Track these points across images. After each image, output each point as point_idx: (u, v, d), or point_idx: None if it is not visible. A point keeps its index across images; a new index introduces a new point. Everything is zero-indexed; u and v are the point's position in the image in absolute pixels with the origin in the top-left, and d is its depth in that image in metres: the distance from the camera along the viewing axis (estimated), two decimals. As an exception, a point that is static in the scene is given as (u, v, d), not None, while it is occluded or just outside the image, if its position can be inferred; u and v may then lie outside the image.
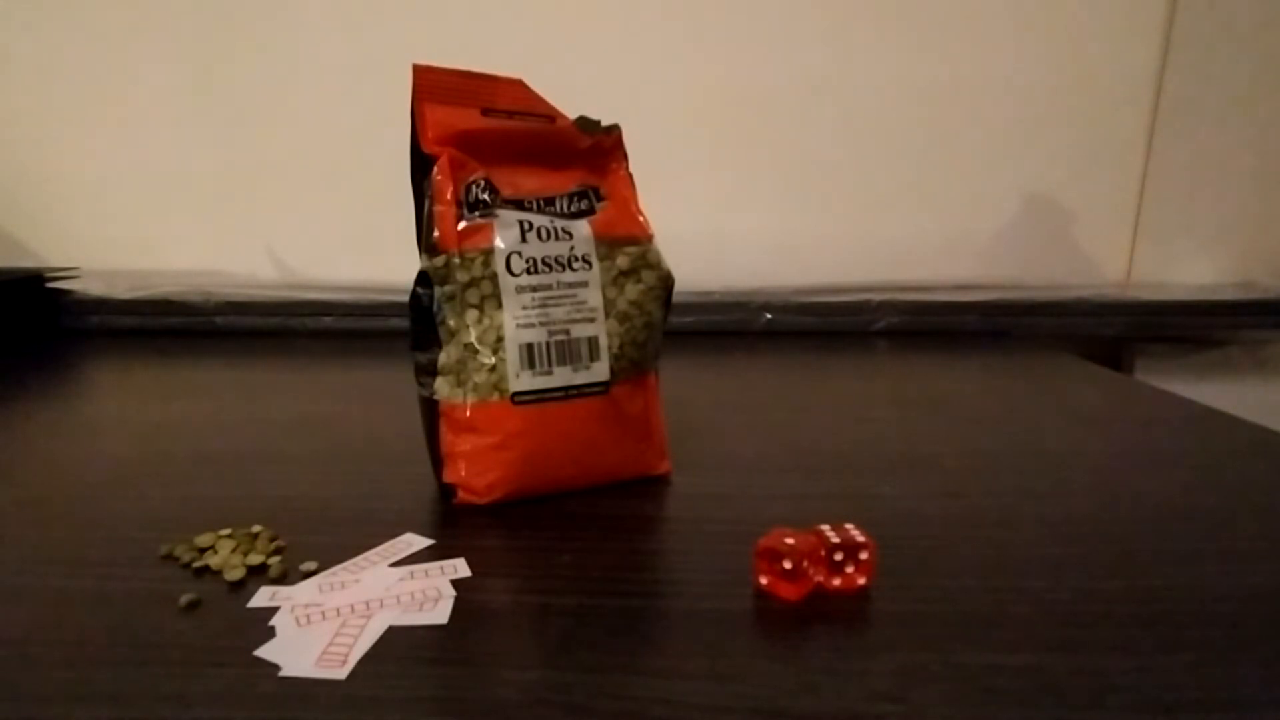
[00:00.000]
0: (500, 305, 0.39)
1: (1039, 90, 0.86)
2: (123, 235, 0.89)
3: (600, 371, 0.40)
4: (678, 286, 0.87)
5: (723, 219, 0.90)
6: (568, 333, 0.39)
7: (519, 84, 0.41)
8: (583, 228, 0.41)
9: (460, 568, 0.33)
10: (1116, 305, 0.86)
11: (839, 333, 0.87)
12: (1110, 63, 0.86)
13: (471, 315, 0.39)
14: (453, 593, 0.31)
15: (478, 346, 0.39)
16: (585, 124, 0.42)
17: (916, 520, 0.38)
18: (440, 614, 0.30)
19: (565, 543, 0.36)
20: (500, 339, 0.39)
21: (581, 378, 0.40)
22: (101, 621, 0.29)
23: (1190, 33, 0.84)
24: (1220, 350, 0.92)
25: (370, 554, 0.34)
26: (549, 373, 0.39)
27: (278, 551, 0.34)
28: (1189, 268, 0.90)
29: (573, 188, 0.42)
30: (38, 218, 0.89)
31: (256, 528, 0.36)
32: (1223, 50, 0.85)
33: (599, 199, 0.42)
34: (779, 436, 0.52)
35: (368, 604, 0.30)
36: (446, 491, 0.40)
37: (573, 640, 0.28)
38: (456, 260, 0.38)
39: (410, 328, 0.40)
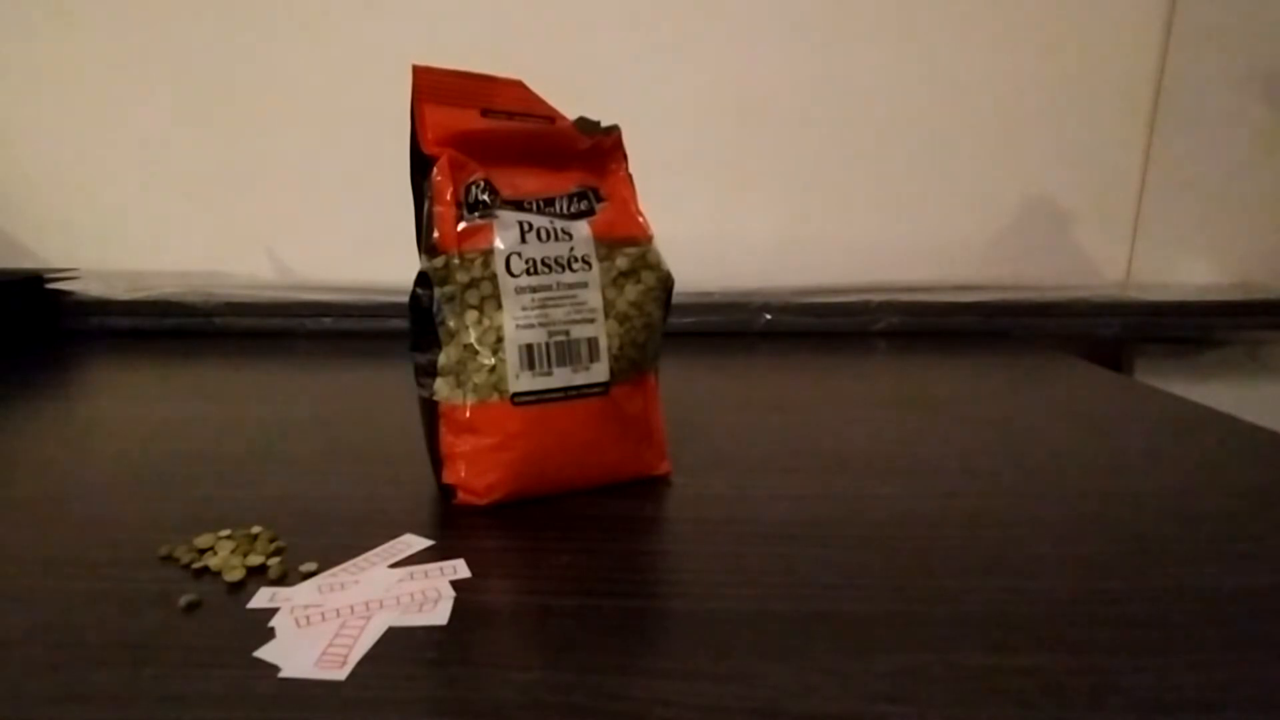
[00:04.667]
0: (500, 306, 0.39)
1: (1038, 90, 0.86)
2: (123, 235, 0.89)
3: (600, 372, 0.40)
4: (678, 287, 0.86)
5: (723, 219, 0.90)
6: (567, 333, 0.39)
7: (518, 85, 0.40)
8: (582, 228, 0.41)
9: (460, 568, 0.33)
10: (1116, 306, 0.86)
11: (838, 333, 0.87)
12: (1110, 63, 0.86)
13: (471, 316, 0.39)
14: (452, 593, 0.31)
15: (477, 347, 0.39)
16: (585, 125, 0.42)
17: (916, 520, 0.38)
18: (440, 615, 0.30)
19: (565, 543, 0.36)
20: (500, 340, 0.39)
21: (581, 378, 0.40)
22: (101, 622, 0.29)
23: (1190, 32, 0.84)
24: (1220, 350, 0.92)
25: (370, 555, 0.34)
26: (549, 373, 0.39)
27: (277, 552, 0.34)
28: (1188, 268, 0.90)
29: (572, 188, 0.41)
30: (38, 218, 0.89)
31: (256, 528, 0.36)
32: (1222, 50, 0.85)
33: (599, 200, 0.42)
34: (779, 436, 0.52)
35: (367, 605, 0.30)
36: (446, 492, 0.40)
37: (573, 640, 0.28)
38: (456, 261, 0.38)
39: (410, 328, 0.40)
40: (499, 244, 0.39)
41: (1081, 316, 0.87)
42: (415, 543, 0.36)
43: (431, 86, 0.38)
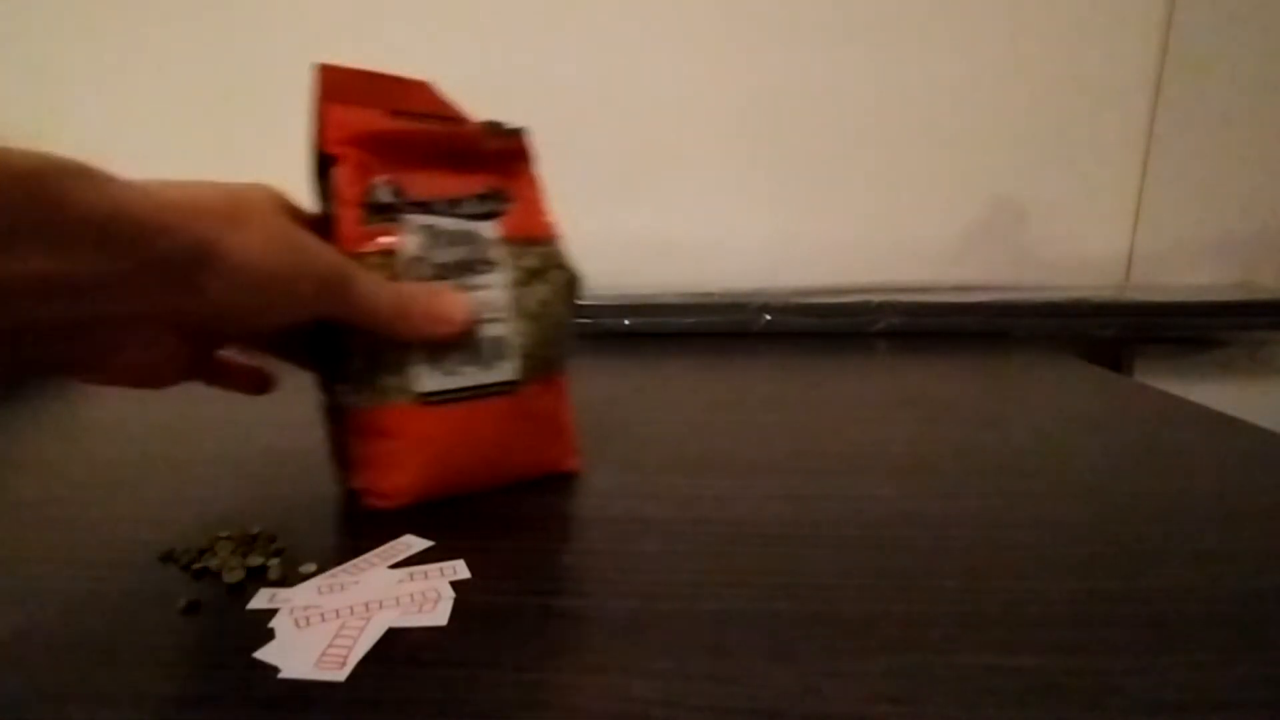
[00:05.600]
0: None
1: (1038, 91, 0.87)
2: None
3: (509, 371, 0.40)
4: (678, 287, 0.87)
5: (722, 219, 0.90)
6: (475, 333, 0.39)
7: (427, 86, 0.39)
8: (490, 229, 0.40)
9: (460, 569, 0.33)
10: (1116, 306, 0.86)
11: (838, 334, 0.87)
12: (1110, 63, 0.86)
13: None
14: (452, 594, 0.31)
15: (384, 348, 0.37)
16: (492, 127, 0.41)
17: (916, 520, 0.38)
18: (439, 615, 0.30)
19: (565, 544, 0.36)
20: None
21: (489, 377, 0.39)
22: (100, 623, 0.29)
23: (1189, 32, 0.84)
24: (1220, 351, 0.92)
25: (369, 555, 0.34)
26: (457, 373, 0.38)
27: (277, 553, 0.34)
28: (1188, 268, 0.90)
29: (480, 190, 0.41)
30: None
31: (255, 529, 0.36)
32: (1222, 50, 0.85)
33: (506, 201, 0.41)
34: (778, 437, 0.52)
35: (367, 605, 0.30)
36: (354, 496, 0.40)
37: (573, 640, 0.28)
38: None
39: (314, 332, 0.38)
40: (404, 246, 0.38)
41: (1081, 316, 0.86)
42: (415, 543, 0.36)
43: (336, 85, 0.37)
